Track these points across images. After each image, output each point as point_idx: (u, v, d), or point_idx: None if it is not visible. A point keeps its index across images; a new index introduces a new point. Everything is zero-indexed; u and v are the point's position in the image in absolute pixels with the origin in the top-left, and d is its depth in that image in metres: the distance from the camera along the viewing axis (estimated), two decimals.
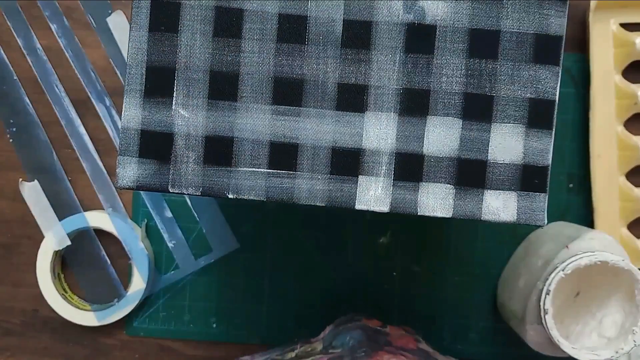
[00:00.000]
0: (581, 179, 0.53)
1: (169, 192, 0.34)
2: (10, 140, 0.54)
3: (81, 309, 0.52)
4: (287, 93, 0.33)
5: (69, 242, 0.52)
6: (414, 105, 0.33)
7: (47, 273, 0.52)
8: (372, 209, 0.33)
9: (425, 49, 0.33)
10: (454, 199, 0.33)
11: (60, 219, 0.53)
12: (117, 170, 0.34)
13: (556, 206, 0.53)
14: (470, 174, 0.33)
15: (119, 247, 0.54)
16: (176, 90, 0.33)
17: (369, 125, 0.33)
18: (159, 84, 0.33)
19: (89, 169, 0.54)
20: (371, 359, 0.39)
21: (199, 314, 0.53)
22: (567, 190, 0.53)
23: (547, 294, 0.41)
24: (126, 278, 0.54)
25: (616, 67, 0.51)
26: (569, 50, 0.53)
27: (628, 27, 0.52)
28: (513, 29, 0.33)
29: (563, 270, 0.41)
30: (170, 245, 0.53)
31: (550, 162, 0.33)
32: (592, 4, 0.51)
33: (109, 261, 0.54)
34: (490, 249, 0.53)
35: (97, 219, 0.52)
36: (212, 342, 0.54)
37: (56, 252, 0.52)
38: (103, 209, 0.54)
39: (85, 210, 0.53)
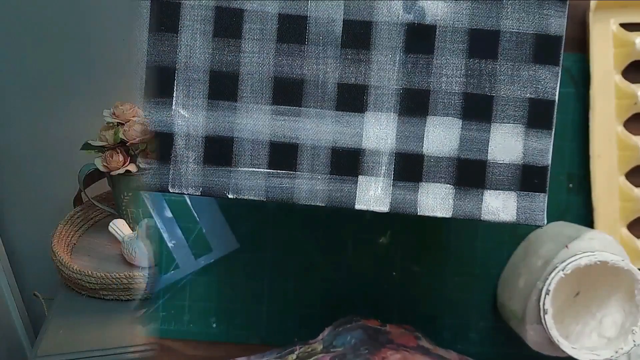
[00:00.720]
0: (581, 179, 0.53)
1: (169, 192, 0.34)
2: None
3: None
4: (287, 93, 0.33)
5: None
6: (414, 105, 0.33)
7: None
8: (372, 209, 0.33)
9: (425, 49, 0.33)
10: (453, 199, 0.33)
11: None
12: None
13: (556, 206, 0.53)
14: (470, 174, 0.33)
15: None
16: (176, 90, 0.33)
17: (369, 126, 0.33)
18: (158, 84, 0.33)
19: None
20: (374, 356, 0.39)
21: (199, 314, 0.53)
22: (567, 190, 0.53)
23: (547, 294, 0.41)
24: None
25: (616, 67, 0.51)
26: (569, 50, 0.53)
27: (628, 27, 0.52)
28: (513, 29, 0.33)
29: (563, 270, 0.41)
30: (170, 245, 0.53)
31: (549, 162, 0.33)
32: (592, 4, 0.51)
33: None
34: (490, 249, 0.53)
35: None
36: (212, 342, 0.54)
37: None
38: None
39: None
